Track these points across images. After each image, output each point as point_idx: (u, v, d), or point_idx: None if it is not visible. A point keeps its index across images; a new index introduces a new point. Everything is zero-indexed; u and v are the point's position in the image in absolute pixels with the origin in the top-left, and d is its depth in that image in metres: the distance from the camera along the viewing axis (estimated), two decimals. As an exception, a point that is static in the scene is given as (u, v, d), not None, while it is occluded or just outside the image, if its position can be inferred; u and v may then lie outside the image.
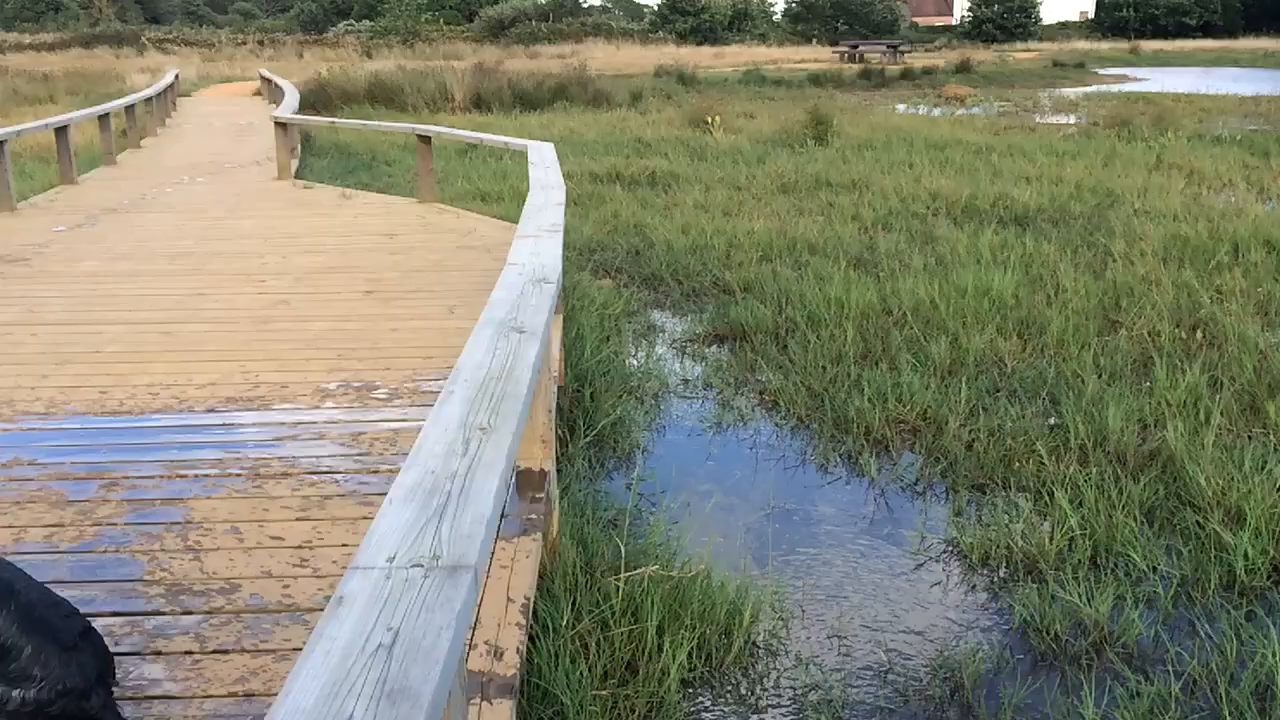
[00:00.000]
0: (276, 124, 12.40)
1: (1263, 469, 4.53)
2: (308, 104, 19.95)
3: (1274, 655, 3.32)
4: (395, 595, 1.44)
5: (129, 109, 15.58)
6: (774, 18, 73.77)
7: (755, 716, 3.23)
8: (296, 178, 12.43)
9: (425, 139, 10.43)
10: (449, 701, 1.42)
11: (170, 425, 4.37)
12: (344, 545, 3.26)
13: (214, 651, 2.72)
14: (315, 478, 3.80)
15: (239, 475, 3.84)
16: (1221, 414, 5.20)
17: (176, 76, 24.16)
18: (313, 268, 7.33)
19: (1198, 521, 4.23)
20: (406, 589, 1.46)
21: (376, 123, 15.69)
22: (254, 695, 2.53)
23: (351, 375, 4.97)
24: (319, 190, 11.51)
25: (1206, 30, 73.39)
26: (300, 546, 3.28)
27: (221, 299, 6.52)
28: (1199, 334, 6.43)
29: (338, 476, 3.81)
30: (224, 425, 4.35)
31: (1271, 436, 4.96)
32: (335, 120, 15.64)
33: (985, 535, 4.21)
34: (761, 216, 10.39)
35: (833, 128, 16.81)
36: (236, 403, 4.61)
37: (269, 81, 23.79)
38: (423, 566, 1.53)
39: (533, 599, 3.12)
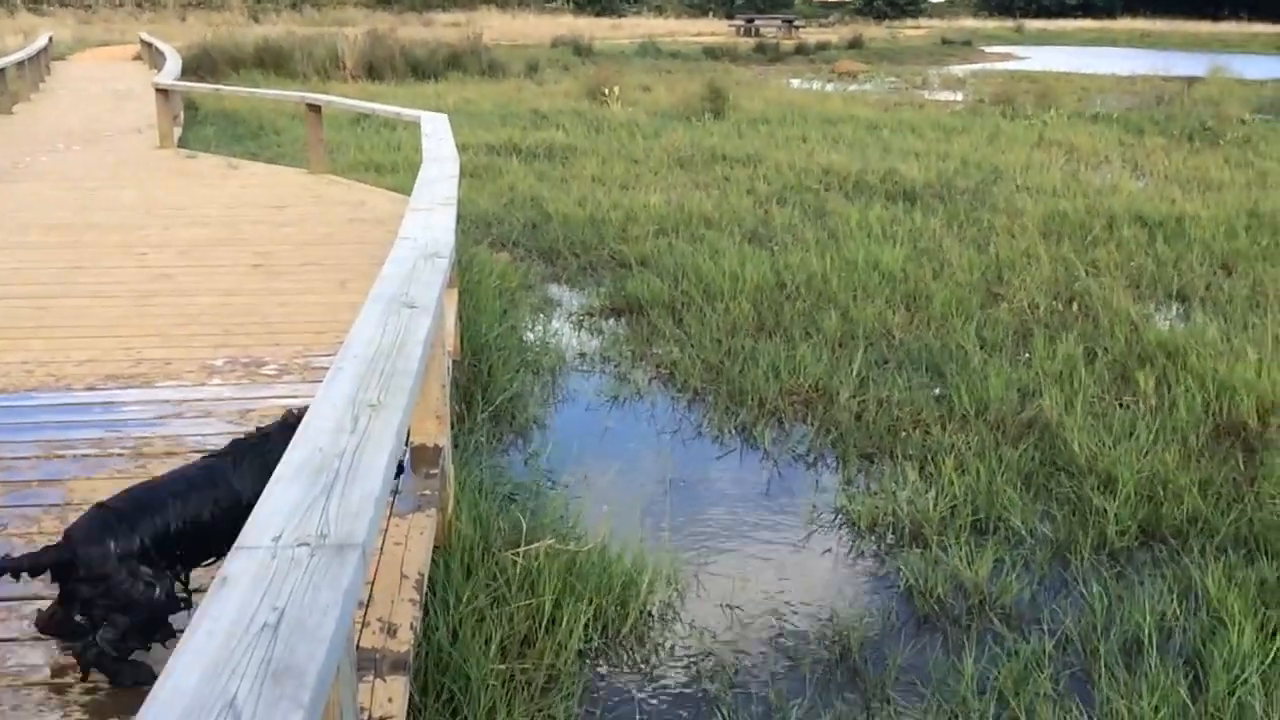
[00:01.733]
0: (158, 90, 11.94)
1: (1131, 435, 4.75)
2: (191, 69, 19.25)
3: (1141, 612, 3.50)
4: (281, 575, 1.43)
5: (-2, 72, 14.81)
6: (671, -10, 73.70)
7: (650, 684, 3.29)
8: (180, 146, 12.01)
9: (315, 108, 10.17)
10: (337, 679, 1.42)
11: (47, 404, 4.20)
12: (232, 525, 3.19)
13: (96, 636, 2.64)
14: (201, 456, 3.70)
15: (121, 455, 3.72)
16: (1095, 383, 5.44)
17: (50, 39, 23.02)
18: (197, 240, 7.11)
19: (1072, 486, 4.43)
20: (293, 568, 1.45)
21: (264, 90, 15.22)
22: (139, 679, 2.47)
23: (239, 351, 4.85)
24: (204, 159, 11.14)
25: (1086, 10, 75.94)
26: (186, 527, 3.20)
27: (100, 272, 6.28)
28: (1075, 306, 6.70)
29: (225, 455, 3.72)
30: (104, 404, 4.21)
31: (1141, 404, 5.20)
32: (220, 87, 15.13)
33: (873, 503, 4.34)
34: (658, 190, 10.43)
35: (729, 102, 16.94)
36: (117, 380, 4.46)
37: (150, 45, 22.86)
38: (309, 545, 1.51)
39: (427, 575, 3.11)
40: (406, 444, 3.58)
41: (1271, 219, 9.06)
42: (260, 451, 2.66)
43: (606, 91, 17.94)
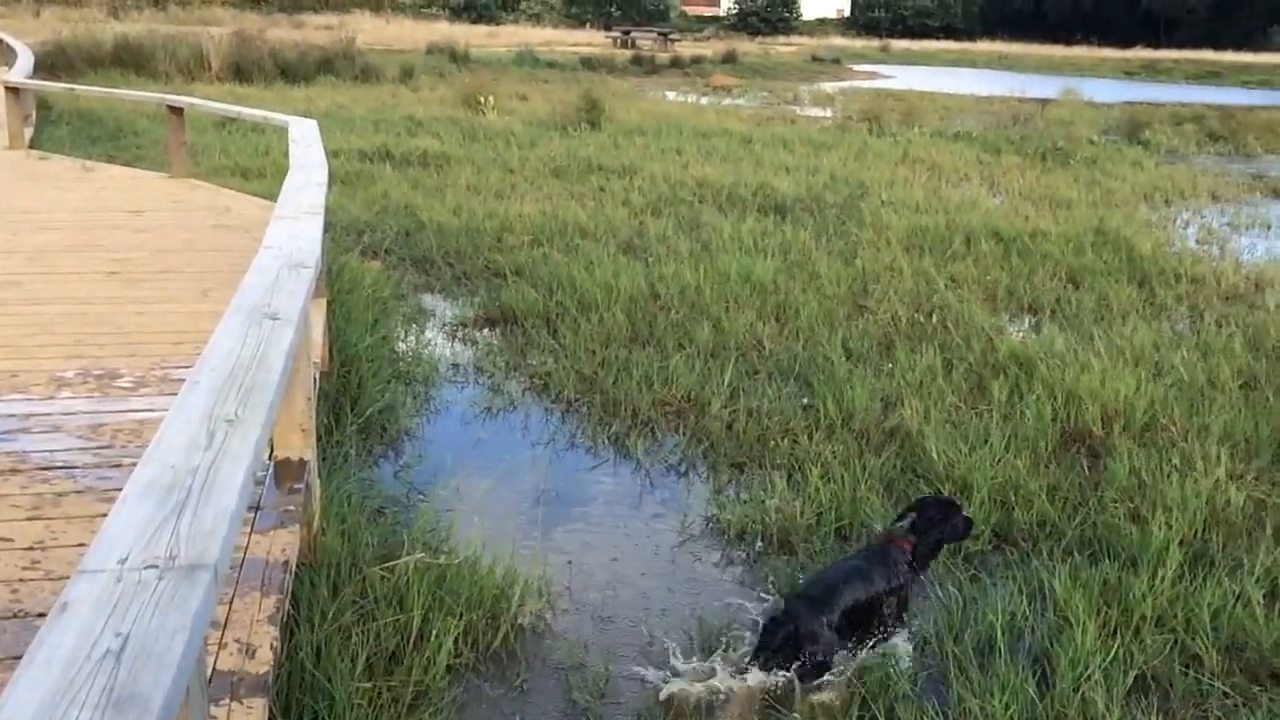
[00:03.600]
0: (7, 88, 11.38)
1: (985, 443, 4.95)
2: (45, 67, 18.36)
3: (993, 613, 3.65)
4: (126, 599, 1.38)
5: None
6: (548, -1, 73.77)
7: (521, 698, 3.28)
8: (31, 147, 11.46)
9: (177, 110, 9.83)
10: (185, 704, 1.38)
11: (-123, 419, 3.96)
12: (80, 545, 3.06)
13: (-70, 665, 2.50)
14: (49, 473, 3.54)
15: (-40, 473, 3.53)
16: (952, 392, 5.65)
17: (-115, 29, 21.69)
18: (48, 246, 6.79)
19: (931, 493, 4.58)
20: (139, 592, 1.40)
21: (123, 91, 14.63)
22: (-24, 710, 2.35)
23: (92, 363, 4.65)
24: (56, 161, 10.65)
25: (948, 32, 79.05)
26: (31, 548, 3.06)
27: (-60, 279, 5.94)
28: (935, 318, 6.94)
29: (75, 472, 3.57)
30: (-58, 418, 3.98)
31: (995, 413, 5.42)
32: (76, 86, 14.47)
33: (743, 511, 4.42)
34: (534, 200, 10.41)
35: (605, 113, 17.03)
36: (-43, 394, 4.23)
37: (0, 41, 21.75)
38: (158, 567, 1.46)
39: (290, 592, 3.03)
40: (269, 458, 3.50)
41: (1116, 236, 9.56)
42: (882, 551, 3.61)
43: (482, 100, 17.84)
